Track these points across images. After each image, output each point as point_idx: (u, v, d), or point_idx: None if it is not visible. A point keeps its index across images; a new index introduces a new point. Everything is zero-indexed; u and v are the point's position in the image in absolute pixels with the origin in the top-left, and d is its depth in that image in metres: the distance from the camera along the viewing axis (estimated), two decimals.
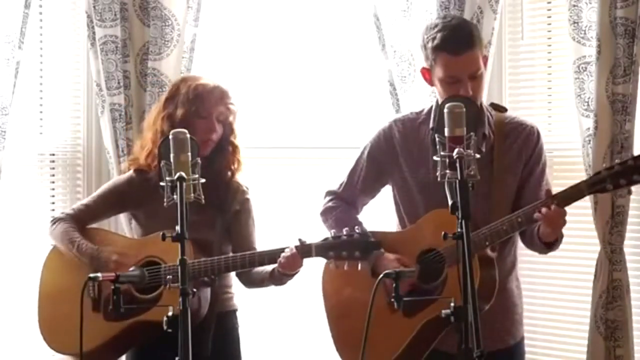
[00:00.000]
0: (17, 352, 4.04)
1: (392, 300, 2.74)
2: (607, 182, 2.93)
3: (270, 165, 4.27)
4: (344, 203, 3.37)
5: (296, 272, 3.22)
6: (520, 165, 3.19)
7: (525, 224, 3.02)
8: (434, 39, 3.11)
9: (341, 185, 3.38)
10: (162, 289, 3.25)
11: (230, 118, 3.42)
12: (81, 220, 3.49)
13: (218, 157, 3.41)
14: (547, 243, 3.11)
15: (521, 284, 3.71)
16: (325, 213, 3.38)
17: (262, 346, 4.13)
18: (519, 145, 3.20)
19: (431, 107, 3.26)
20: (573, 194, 2.98)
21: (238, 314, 3.52)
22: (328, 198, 3.40)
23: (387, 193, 3.41)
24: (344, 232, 3.10)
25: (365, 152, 3.34)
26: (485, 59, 3.21)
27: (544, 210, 2.96)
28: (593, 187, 2.96)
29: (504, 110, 3.29)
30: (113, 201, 3.52)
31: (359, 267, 3.09)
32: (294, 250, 3.14)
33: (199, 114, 3.34)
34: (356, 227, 3.10)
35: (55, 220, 3.49)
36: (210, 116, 3.36)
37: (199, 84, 3.39)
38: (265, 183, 4.13)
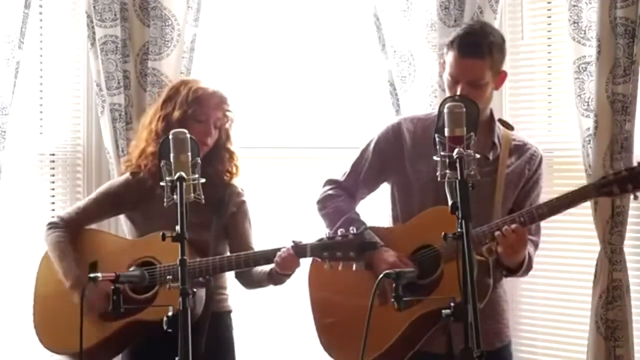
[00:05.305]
0: (17, 352, 4.04)
1: (393, 300, 2.75)
2: (613, 186, 3.01)
3: (271, 166, 4.26)
4: (345, 193, 3.36)
5: (293, 271, 3.22)
6: (521, 182, 3.25)
7: (528, 223, 3.05)
8: (452, 34, 3.19)
9: (344, 174, 3.38)
10: (158, 288, 3.26)
11: (227, 124, 3.43)
12: (77, 224, 3.50)
13: (213, 162, 3.41)
14: (510, 269, 3.16)
15: (521, 284, 3.73)
16: (324, 200, 3.37)
17: (257, 347, 4.12)
18: (522, 163, 3.25)
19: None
20: (580, 195, 3.04)
21: (233, 315, 3.53)
22: (329, 186, 3.39)
23: (381, 190, 3.41)
24: (339, 233, 3.10)
25: (372, 145, 3.34)
26: (502, 74, 3.23)
27: (504, 229, 3.01)
28: (600, 189, 3.04)
29: (511, 128, 3.34)
30: (109, 204, 3.52)
31: (354, 268, 3.09)
32: (290, 250, 3.14)
33: (197, 117, 3.35)
34: (351, 227, 3.10)
35: (50, 226, 3.48)
36: (208, 120, 3.37)
37: (199, 87, 3.40)
38: (266, 183, 4.14)
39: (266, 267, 3.29)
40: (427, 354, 3.13)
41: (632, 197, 3.10)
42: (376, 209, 3.53)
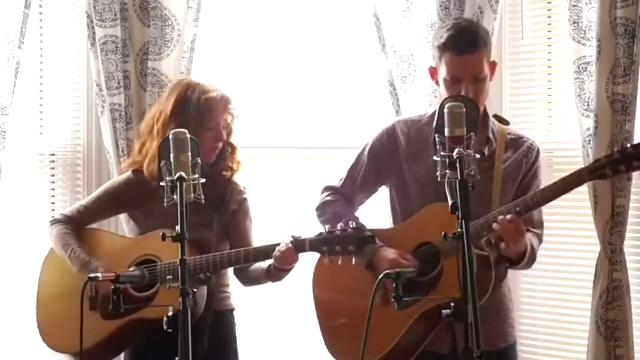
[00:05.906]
0: (18, 351, 4.05)
1: (393, 300, 2.75)
2: (606, 168, 2.99)
3: (271, 166, 4.27)
4: (343, 198, 3.37)
5: (292, 267, 3.22)
6: (519, 175, 3.24)
7: (523, 212, 3.05)
8: (441, 37, 3.18)
9: (341, 180, 3.39)
10: (158, 286, 3.26)
11: (231, 121, 3.44)
12: (79, 222, 3.50)
13: (217, 159, 3.42)
14: (512, 260, 3.16)
15: (521, 283, 3.73)
16: (323, 207, 3.38)
17: (260, 345, 4.13)
18: (519, 157, 3.25)
19: (435, 110, 3.27)
20: (574, 180, 3.03)
21: (235, 313, 3.52)
22: (326, 193, 3.40)
23: (380, 194, 3.41)
24: (338, 227, 3.10)
25: (367, 149, 3.35)
26: (494, 65, 3.25)
27: (500, 218, 3.01)
28: (593, 173, 3.02)
29: (507, 122, 3.34)
30: (110, 203, 3.52)
31: (353, 262, 3.09)
32: (289, 244, 3.15)
33: (208, 126, 3.35)
34: (350, 221, 3.10)
35: (53, 222, 3.50)
36: (217, 127, 3.37)
37: (209, 97, 3.36)
38: (266, 183, 4.14)
39: (264, 264, 3.29)
40: (433, 354, 3.13)
41: (631, 195, 3.10)
42: (376, 211, 3.53)
